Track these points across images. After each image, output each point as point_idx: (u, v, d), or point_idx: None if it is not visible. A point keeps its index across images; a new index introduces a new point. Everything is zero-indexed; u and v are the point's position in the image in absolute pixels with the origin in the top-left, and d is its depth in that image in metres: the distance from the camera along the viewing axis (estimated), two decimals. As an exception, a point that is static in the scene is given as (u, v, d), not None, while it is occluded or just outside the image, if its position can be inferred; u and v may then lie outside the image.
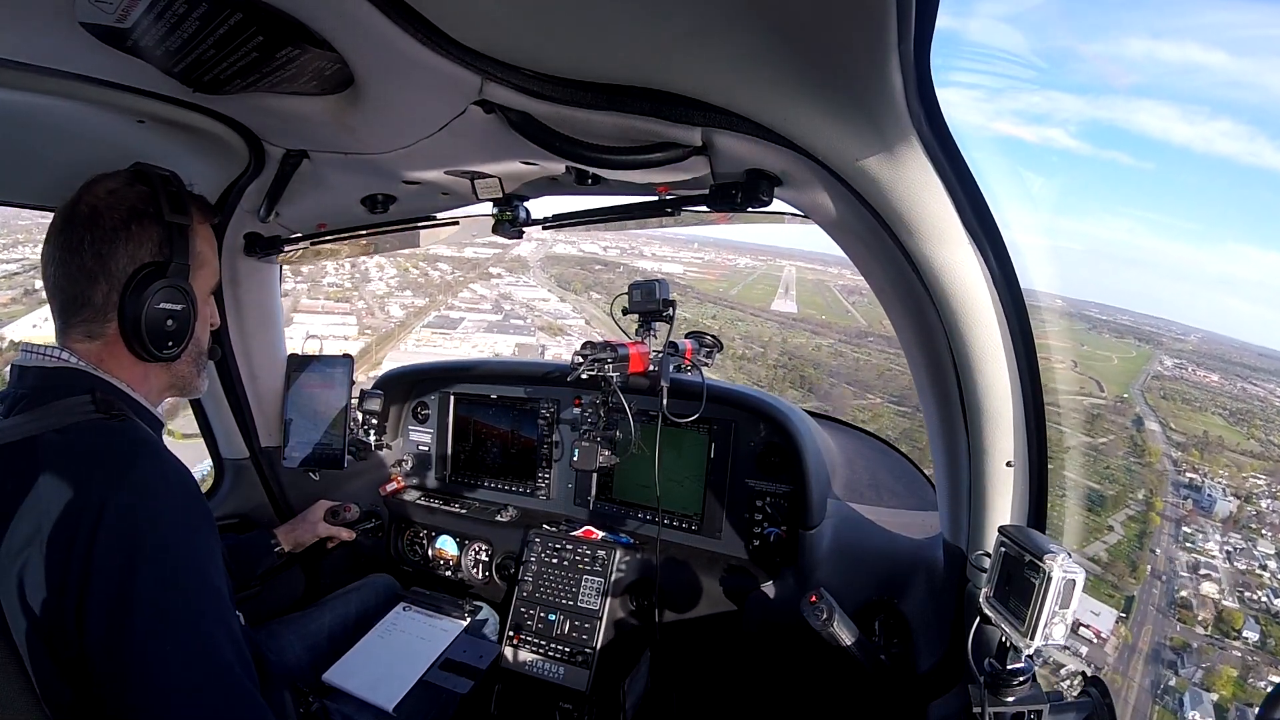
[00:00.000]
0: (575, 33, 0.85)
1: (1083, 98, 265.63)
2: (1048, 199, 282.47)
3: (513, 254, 41.12)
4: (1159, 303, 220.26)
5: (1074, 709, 1.19)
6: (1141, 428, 25.77)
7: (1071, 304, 36.18)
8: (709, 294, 42.57)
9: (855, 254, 1.36)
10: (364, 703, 1.66)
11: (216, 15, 0.86)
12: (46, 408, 1.03)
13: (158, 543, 0.96)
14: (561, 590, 2.22)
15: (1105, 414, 26.63)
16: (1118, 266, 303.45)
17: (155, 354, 1.12)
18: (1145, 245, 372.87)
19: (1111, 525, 20.07)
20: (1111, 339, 34.10)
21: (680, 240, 49.24)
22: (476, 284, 37.55)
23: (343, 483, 2.41)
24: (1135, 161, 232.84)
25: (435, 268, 37.10)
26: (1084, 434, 24.77)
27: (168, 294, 1.11)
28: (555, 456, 2.50)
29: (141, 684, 0.91)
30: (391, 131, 1.26)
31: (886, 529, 2.02)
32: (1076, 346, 31.18)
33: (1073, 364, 28.80)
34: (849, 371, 32.27)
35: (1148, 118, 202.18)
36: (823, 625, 1.57)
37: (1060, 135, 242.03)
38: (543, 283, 39.87)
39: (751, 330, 37.40)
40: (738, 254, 50.30)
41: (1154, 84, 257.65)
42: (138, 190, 1.12)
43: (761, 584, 2.07)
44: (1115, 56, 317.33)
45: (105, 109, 1.25)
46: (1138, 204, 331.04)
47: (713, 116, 0.99)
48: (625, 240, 47.26)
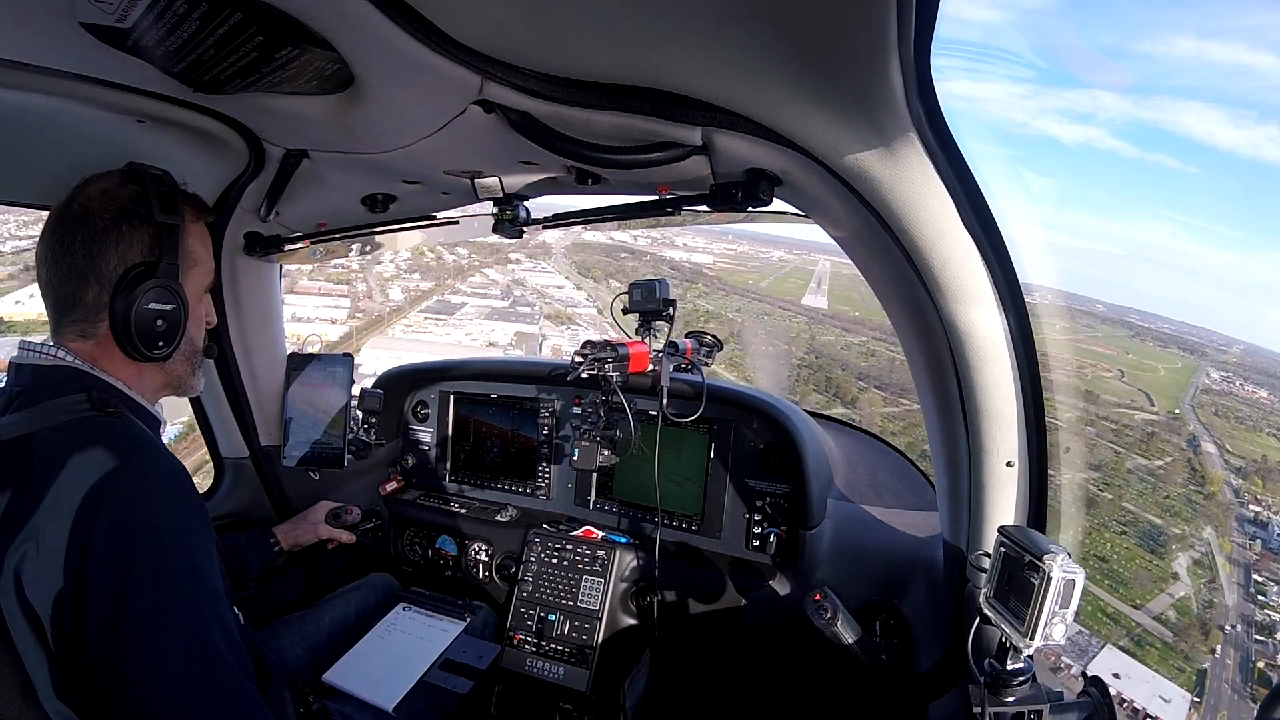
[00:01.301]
0: (575, 32, 0.85)
1: (1128, 98, 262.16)
2: (1091, 200, 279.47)
3: (538, 239, 40.99)
4: (1201, 310, 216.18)
5: (1074, 709, 1.19)
6: (1198, 449, 23.45)
7: (1112, 309, 34.83)
8: (737, 286, 41.18)
9: (855, 253, 1.36)
10: (364, 703, 1.66)
11: (216, 15, 0.86)
12: (43, 405, 1.03)
13: (153, 540, 0.96)
14: (561, 590, 2.22)
15: (1160, 432, 24.43)
16: (1159, 271, 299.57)
17: (146, 354, 1.12)
18: (1187, 251, 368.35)
19: (1176, 572, 17.69)
20: (1155, 348, 32.33)
21: (714, 232, 48.33)
22: (491, 268, 36.85)
23: (343, 482, 2.41)
24: (1180, 165, 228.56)
25: (453, 251, 36.24)
26: (1140, 455, 22.79)
27: (157, 294, 1.11)
28: (555, 456, 2.51)
29: (138, 681, 0.91)
30: (391, 131, 1.26)
31: (886, 529, 2.02)
32: (1122, 354, 29.93)
33: (1120, 374, 27.57)
34: (881, 373, 30.14)
35: (1194, 120, 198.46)
36: (827, 624, 1.57)
37: (1103, 136, 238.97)
38: (562, 269, 38.99)
39: (777, 325, 35.67)
40: (772, 247, 49.33)
41: (1201, 86, 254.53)
42: (129, 190, 1.12)
43: (761, 584, 2.07)
44: (1162, 56, 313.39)
45: (105, 109, 1.25)
46: (1181, 208, 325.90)
47: (713, 116, 0.99)
48: (657, 230, 47.07)
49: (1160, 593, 17.19)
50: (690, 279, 40.04)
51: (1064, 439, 21.07)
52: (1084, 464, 20.16)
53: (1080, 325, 20.19)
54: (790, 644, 1.98)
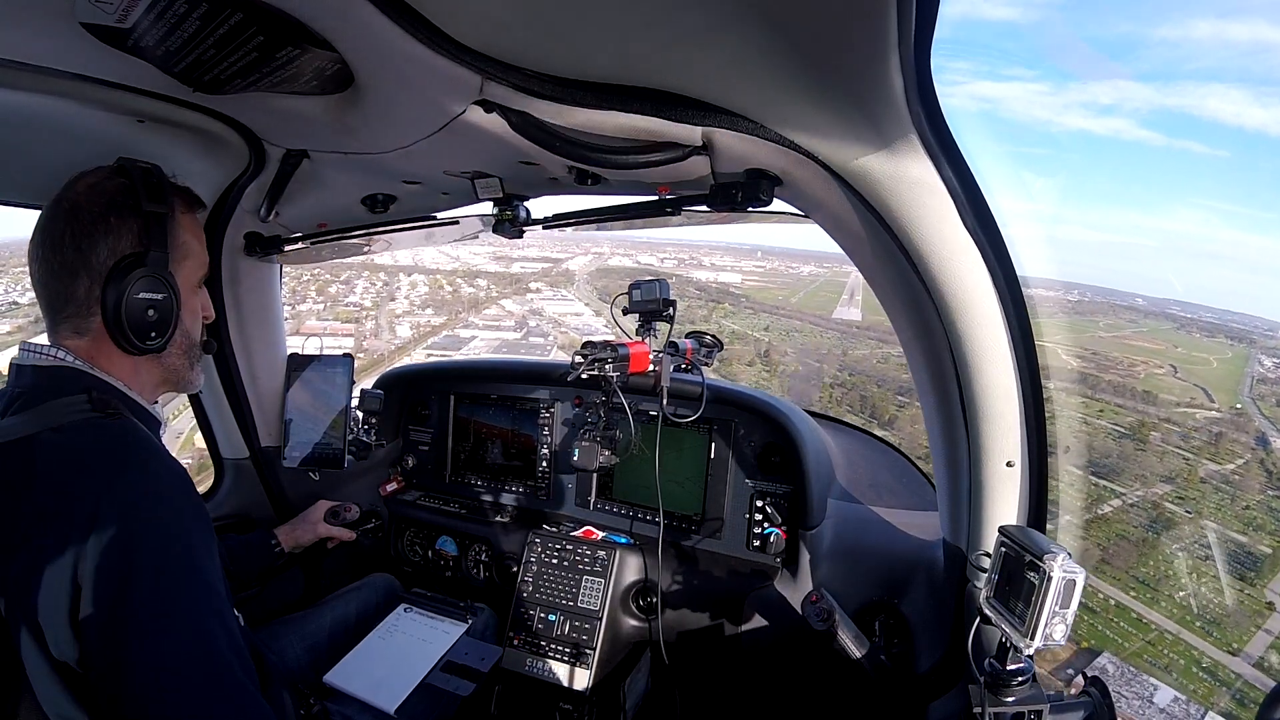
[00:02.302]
0: (575, 32, 0.85)
1: (1150, 85, 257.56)
2: (1117, 193, 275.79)
3: (562, 268, 39.65)
4: (1240, 298, 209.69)
5: (1074, 709, 1.19)
6: (1269, 448, 20.40)
7: (1152, 303, 33.05)
8: (766, 303, 39.69)
9: (855, 254, 1.36)
10: (365, 704, 1.66)
11: (217, 15, 0.86)
12: (43, 407, 1.03)
13: (154, 542, 0.95)
14: (562, 590, 2.22)
15: (1225, 430, 21.56)
16: (1194, 261, 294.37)
17: (139, 345, 1.11)
18: (1220, 237, 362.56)
19: (1272, 600, 14.63)
20: (1202, 338, 29.63)
21: (743, 250, 47.72)
22: (508, 299, 35.89)
23: (343, 483, 2.41)
24: (1208, 150, 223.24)
25: (472, 284, 35.57)
26: (1210, 459, 19.96)
27: (147, 283, 1.10)
28: (555, 457, 2.51)
29: (139, 684, 0.91)
30: (391, 131, 1.26)
31: (887, 529, 2.02)
32: (1170, 348, 27.80)
33: (1173, 370, 25.48)
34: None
35: (1219, 103, 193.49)
36: (824, 625, 1.57)
37: (1130, 126, 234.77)
38: (583, 295, 37.86)
39: (808, 342, 33.39)
40: (802, 262, 47.51)
41: (1223, 67, 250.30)
42: (117, 183, 1.12)
43: (761, 584, 2.07)
44: (1181, 40, 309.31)
45: (105, 109, 1.25)
46: (1212, 195, 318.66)
47: (713, 116, 0.99)
48: (685, 251, 45.82)
49: (1257, 629, 14.20)
50: (716, 299, 38.95)
51: (1127, 449, 17.44)
52: (1157, 476, 18.52)
53: (1124, 321, 18.26)
54: (790, 644, 1.98)
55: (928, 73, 0.80)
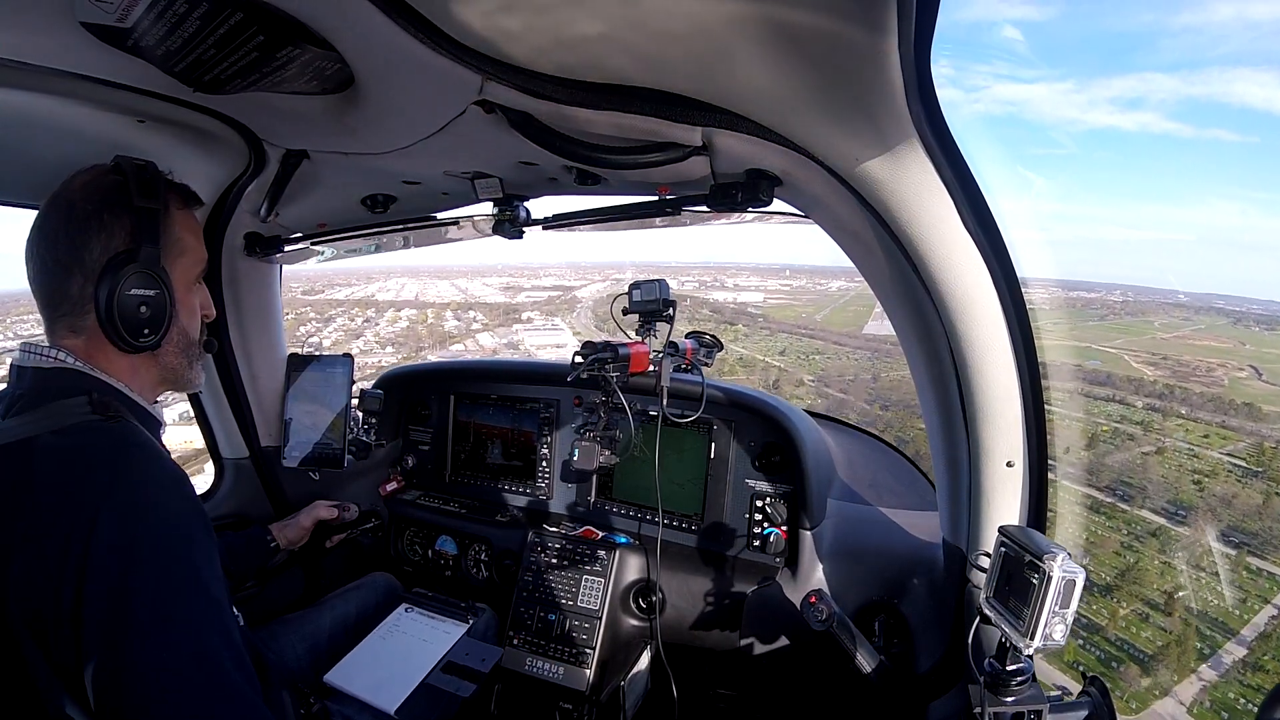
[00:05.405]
0: (575, 32, 0.85)
1: (1175, 75, 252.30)
2: (1155, 189, 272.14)
3: (573, 294, 38.67)
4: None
5: (1074, 709, 1.19)
6: None
7: (1194, 298, 31.73)
8: (786, 321, 37.54)
9: (855, 254, 1.36)
10: (365, 704, 1.66)
11: (217, 15, 0.86)
12: (43, 409, 1.02)
13: (153, 547, 0.95)
14: (561, 590, 2.22)
15: None
16: (1234, 253, 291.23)
17: (133, 342, 1.11)
18: (1261, 226, 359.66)
19: None
20: (1262, 332, 27.31)
21: (769, 269, 46.83)
22: (486, 333, 34.01)
23: (343, 483, 2.41)
24: (1239, 137, 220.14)
25: (459, 316, 33.87)
26: None
27: (139, 279, 1.09)
28: (555, 457, 2.50)
29: (139, 687, 0.90)
30: (391, 131, 1.26)
31: (887, 529, 2.02)
32: (1238, 346, 25.57)
33: (1255, 372, 22.73)
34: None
35: (1247, 87, 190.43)
36: (822, 625, 1.57)
37: (1157, 119, 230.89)
38: (580, 323, 35.80)
39: (830, 365, 29.47)
40: (830, 278, 45.58)
41: (1248, 50, 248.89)
42: (111, 180, 1.11)
43: (761, 584, 2.07)
44: (1203, 26, 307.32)
45: (105, 108, 1.25)
46: (1246, 183, 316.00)
47: (713, 116, 0.99)
48: (709, 273, 44.65)
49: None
50: (730, 320, 37.23)
51: (1233, 482, 15.00)
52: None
53: (1179, 320, 15.71)
54: (790, 644, 1.98)
55: (928, 73, 0.80)
